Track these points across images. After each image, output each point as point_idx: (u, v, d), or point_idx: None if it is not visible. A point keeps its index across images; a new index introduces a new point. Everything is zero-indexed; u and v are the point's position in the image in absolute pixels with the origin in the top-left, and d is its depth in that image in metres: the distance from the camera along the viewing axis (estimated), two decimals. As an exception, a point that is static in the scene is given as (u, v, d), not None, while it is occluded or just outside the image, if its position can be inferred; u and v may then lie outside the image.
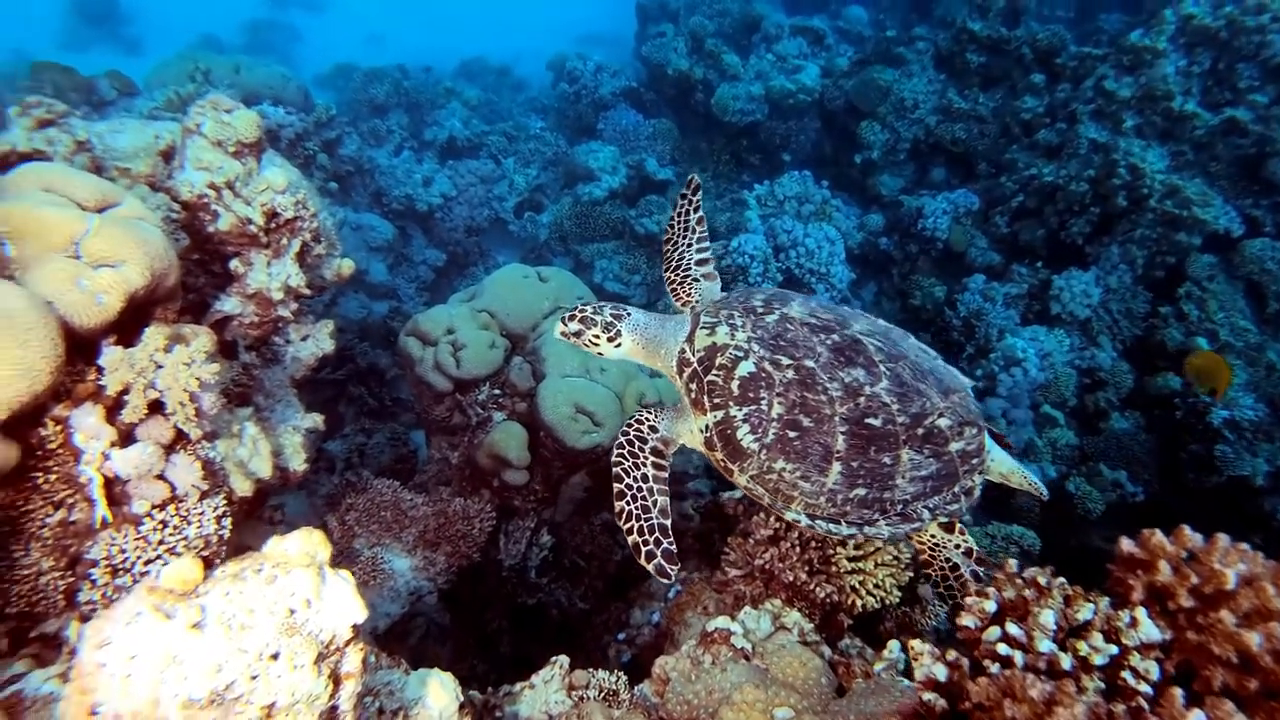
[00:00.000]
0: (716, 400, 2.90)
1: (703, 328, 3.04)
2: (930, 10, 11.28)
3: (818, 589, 3.29)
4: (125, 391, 2.04)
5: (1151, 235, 7.89)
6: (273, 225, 3.20)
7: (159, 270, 2.30)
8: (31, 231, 2.12)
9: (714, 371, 2.93)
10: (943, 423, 2.89)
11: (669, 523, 2.90)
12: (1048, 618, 1.47)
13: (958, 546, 3.12)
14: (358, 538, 4.43)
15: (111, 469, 2.03)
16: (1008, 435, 3.70)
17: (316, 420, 3.41)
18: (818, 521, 2.90)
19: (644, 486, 2.97)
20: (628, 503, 2.93)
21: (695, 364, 2.99)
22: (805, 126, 10.46)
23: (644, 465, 3.01)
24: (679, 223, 3.66)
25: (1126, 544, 1.72)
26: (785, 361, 2.86)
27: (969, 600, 1.66)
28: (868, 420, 2.81)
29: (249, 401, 3.22)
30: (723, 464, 2.94)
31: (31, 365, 1.88)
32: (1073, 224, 8.22)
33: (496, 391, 5.37)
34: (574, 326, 3.20)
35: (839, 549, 3.40)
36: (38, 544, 2.02)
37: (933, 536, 3.12)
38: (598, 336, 3.19)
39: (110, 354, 2.08)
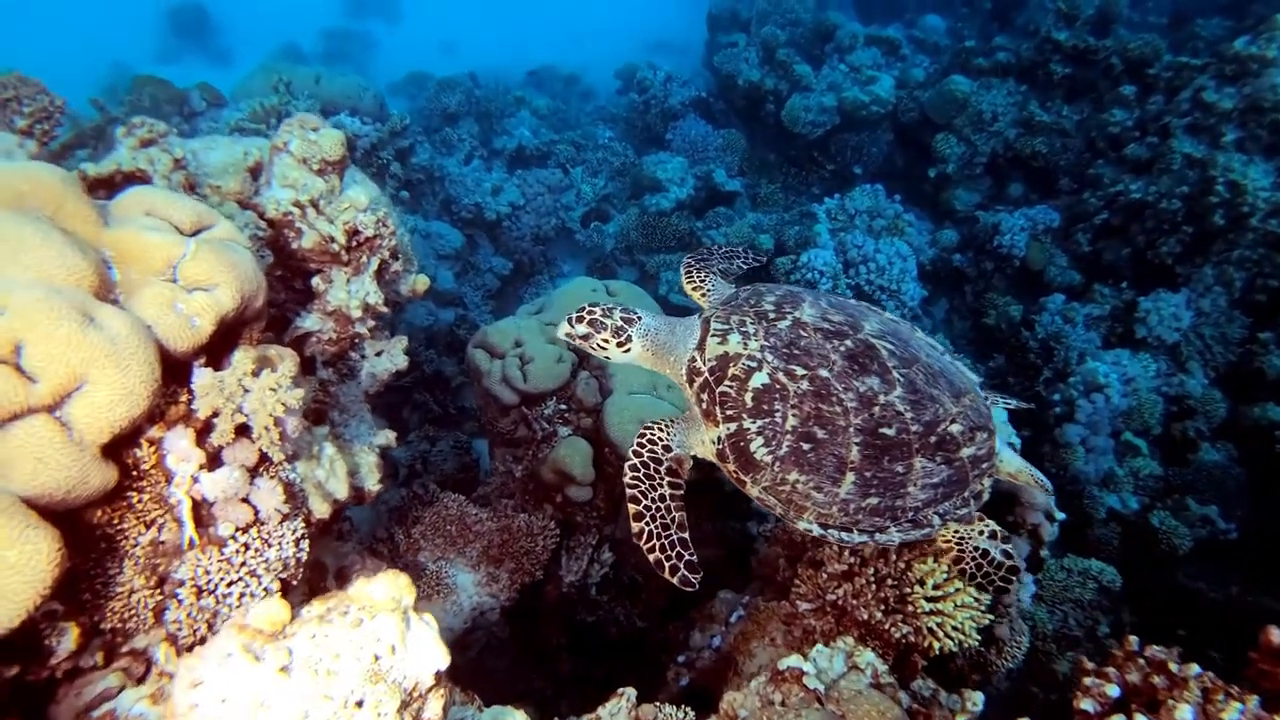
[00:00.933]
0: (729, 412, 2.84)
1: (713, 335, 2.97)
2: (1011, 19, 10.95)
3: (893, 629, 3.17)
4: (215, 415, 2.06)
5: (1252, 256, 7.47)
6: (354, 243, 3.24)
7: (248, 293, 2.33)
8: (134, 256, 2.16)
9: (726, 382, 2.86)
10: (955, 429, 2.87)
11: (687, 534, 2.85)
12: (1185, 714, 1.35)
13: (981, 533, 3.09)
14: (423, 551, 4.46)
15: (200, 492, 2.06)
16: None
17: (390, 437, 3.43)
18: (829, 530, 2.86)
19: (661, 506, 2.89)
20: (646, 523, 2.86)
21: (706, 374, 2.92)
22: (878, 138, 10.25)
23: (660, 486, 2.93)
24: (723, 255, 3.67)
25: (1276, 634, 1.57)
26: (800, 372, 2.81)
27: (1087, 681, 1.55)
28: (882, 430, 2.78)
29: (325, 417, 3.25)
30: (735, 475, 2.90)
31: (132, 390, 1.91)
32: (1162, 243, 7.85)
33: (563, 406, 5.36)
34: (582, 329, 3.12)
35: (916, 587, 3.28)
36: (130, 562, 2.05)
37: (956, 530, 3.08)
38: (606, 341, 3.12)
39: (201, 378, 2.11)
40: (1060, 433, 7.06)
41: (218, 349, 2.32)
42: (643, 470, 2.94)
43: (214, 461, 2.15)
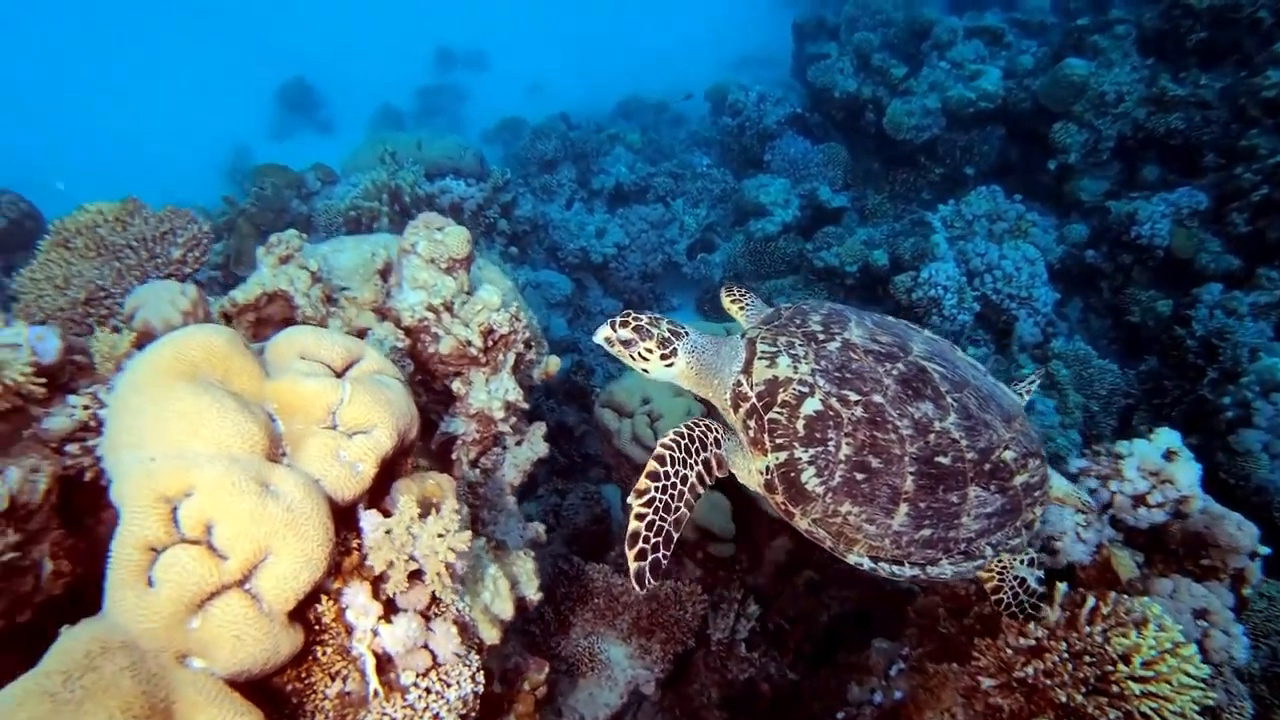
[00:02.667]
0: (780, 441, 2.64)
1: (761, 358, 2.76)
2: (1127, -18, 10.23)
3: (1099, 714, 2.89)
4: (389, 567, 2.06)
5: None
6: (490, 343, 3.25)
7: (404, 428, 2.34)
8: (297, 407, 2.20)
9: (776, 409, 2.67)
10: (1008, 455, 2.74)
11: (677, 536, 2.57)
12: None
13: (1023, 560, 2.94)
14: (574, 627, 4.45)
15: (381, 645, 2.07)
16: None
17: (539, 530, 3.43)
18: (880, 564, 2.69)
19: (680, 488, 2.64)
20: (656, 492, 2.57)
21: (754, 399, 2.72)
22: (988, 135, 9.72)
23: (694, 466, 2.68)
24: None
25: None
26: (853, 397, 2.63)
27: None
28: (937, 459, 2.62)
29: (478, 519, 3.27)
30: (783, 507, 2.71)
31: (312, 555, 1.93)
32: (1338, 215, 7.07)
33: (696, 461, 5.27)
34: (625, 334, 2.86)
35: (1120, 665, 2.99)
36: (321, 716, 2.08)
37: (1000, 561, 2.90)
38: (650, 351, 2.86)
39: (372, 529, 2.13)
40: (1236, 440, 6.41)
41: (379, 482, 2.34)
42: (685, 442, 2.70)
43: (389, 606, 2.16)
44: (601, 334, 2.91)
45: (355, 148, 8.84)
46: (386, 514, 2.29)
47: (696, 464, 2.69)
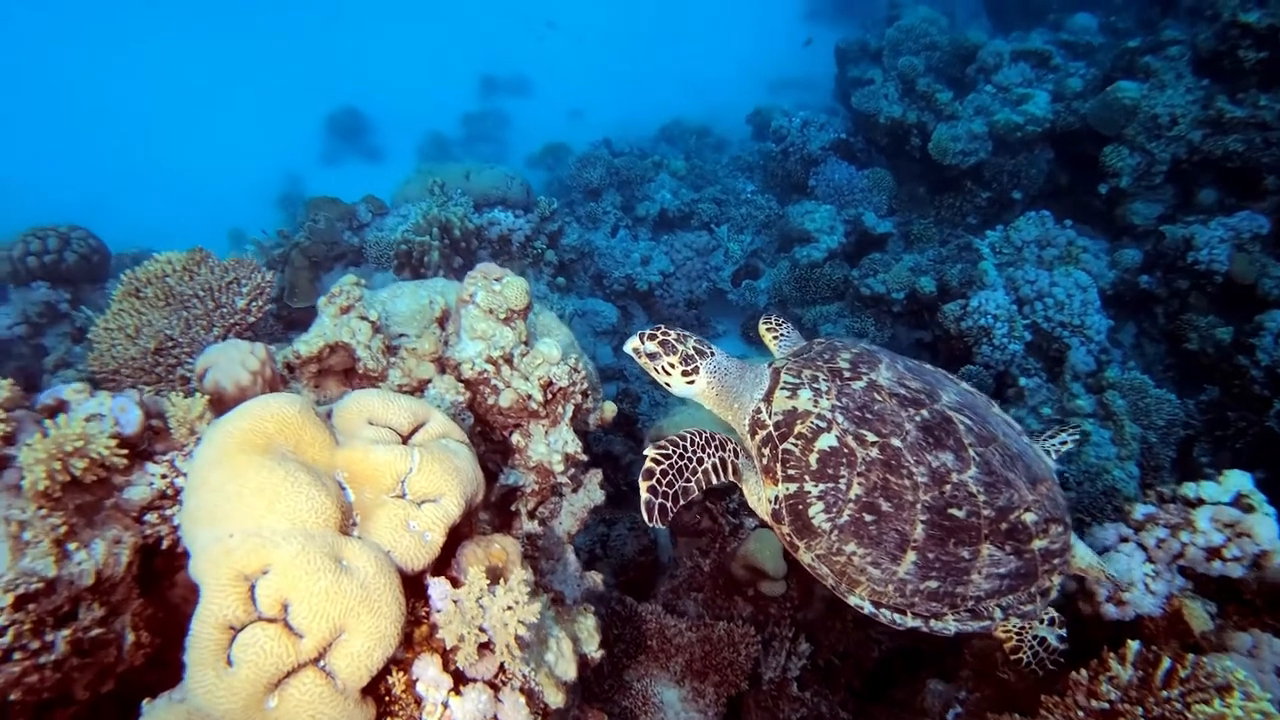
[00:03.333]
0: (791, 472, 2.67)
1: (783, 388, 2.80)
2: (1176, 2, 9.99)
3: (1176, 787, 2.79)
4: (460, 640, 2.08)
5: None
6: (549, 396, 3.28)
7: (471, 494, 2.37)
8: (367, 476, 2.24)
9: (791, 440, 2.69)
10: (1029, 518, 2.69)
11: (684, 503, 2.64)
12: None
13: (1042, 620, 2.87)
14: (626, 669, 4.44)
15: (450, 717, 2.08)
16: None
17: (596, 580, 3.43)
18: (881, 610, 2.67)
19: (695, 465, 2.70)
20: (674, 454, 2.67)
21: (771, 428, 2.74)
22: (1036, 159, 9.56)
23: (710, 457, 2.74)
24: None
25: None
26: (870, 438, 2.63)
27: None
28: (951, 511, 2.59)
29: (537, 569, 3.29)
30: (788, 539, 2.73)
31: (385, 632, 1.96)
32: None
33: (746, 499, 5.25)
34: (651, 347, 2.95)
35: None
36: (392, 788, 2.10)
37: (1016, 622, 2.83)
38: (672, 365, 2.93)
39: (440, 597, 2.15)
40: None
41: (445, 546, 2.37)
42: (707, 437, 2.79)
43: (458, 676, 2.18)
44: (631, 344, 3.01)
45: (405, 178, 8.99)
46: (454, 580, 2.32)
47: (713, 456, 2.77)
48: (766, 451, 2.75)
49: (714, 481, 2.77)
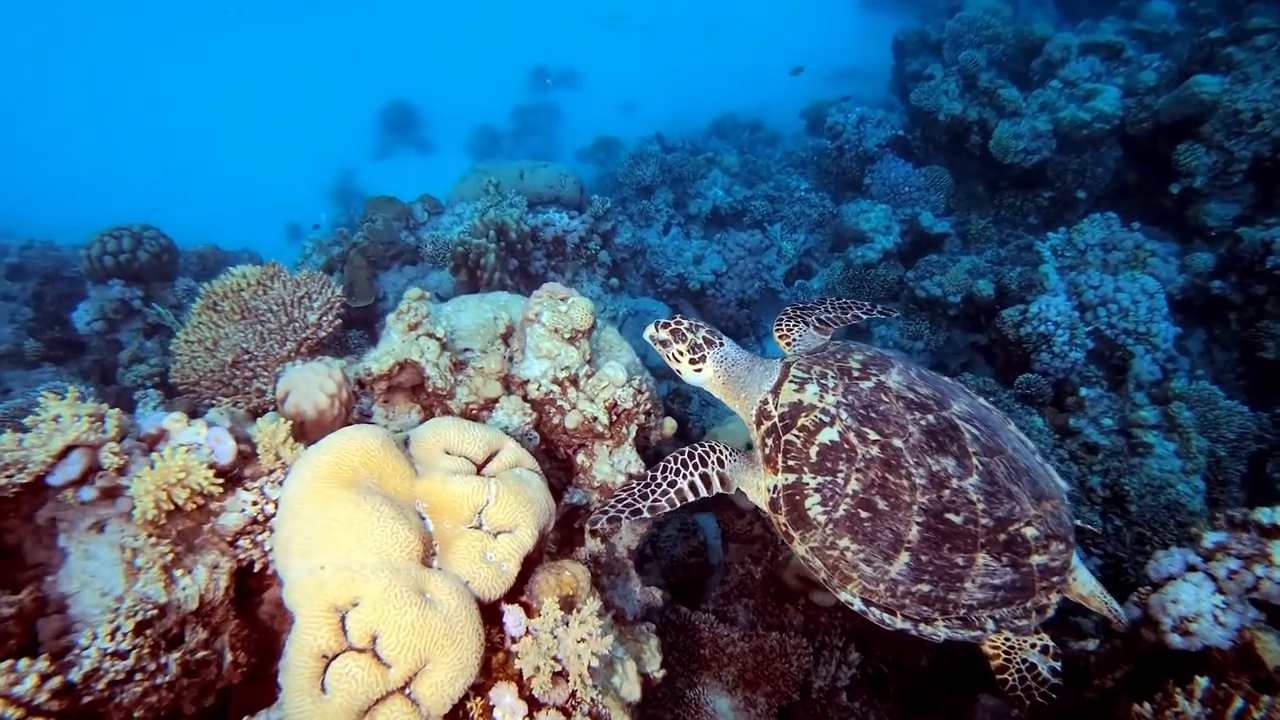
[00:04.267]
0: (791, 463, 2.74)
1: (791, 381, 2.88)
2: (1267, -19, 9.56)
3: (1244, 831, 2.76)
4: (536, 670, 2.16)
5: None
6: (614, 418, 3.33)
7: (544, 524, 2.44)
8: (445, 507, 2.33)
9: (794, 431, 2.76)
10: (1029, 532, 2.69)
11: (648, 523, 2.95)
12: None
13: (1034, 646, 2.84)
14: (679, 678, 4.50)
15: (525, 745, 2.16)
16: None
17: (655, 595, 3.49)
18: (871, 609, 2.71)
19: (665, 490, 2.89)
20: (641, 486, 2.88)
21: (776, 419, 2.83)
22: (1103, 157, 9.27)
23: (684, 478, 2.91)
24: (837, 305, 3.68)
25: None
26: (872, 436, 2.68)
27: None
28: (948, 515, 2.61)
29: (599, 585, 3.36)
30: (784, 529, 2.80)
31: (466, 662, 2.04)
32: None
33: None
34: (664, 335, 3.14)
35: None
36: (469, 811, 2.19)
37: (1007, 639, 2.80)
38: (681, 354, 3.11)
39: (514, 625, 2.23)
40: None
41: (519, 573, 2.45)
42: (682, 458, 2.97)
43: (532, 703, 2.25)
44: (648, 332, 3.22)
45: (460, 177, 9.11)
46: (527, 606, 2.39)
47: (691, 475, 2.93)
48: (769, 441, 2.84)
49: (693, 498, 2.95)
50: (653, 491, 2.89)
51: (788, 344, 3.43)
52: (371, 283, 8.00)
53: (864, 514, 2.64)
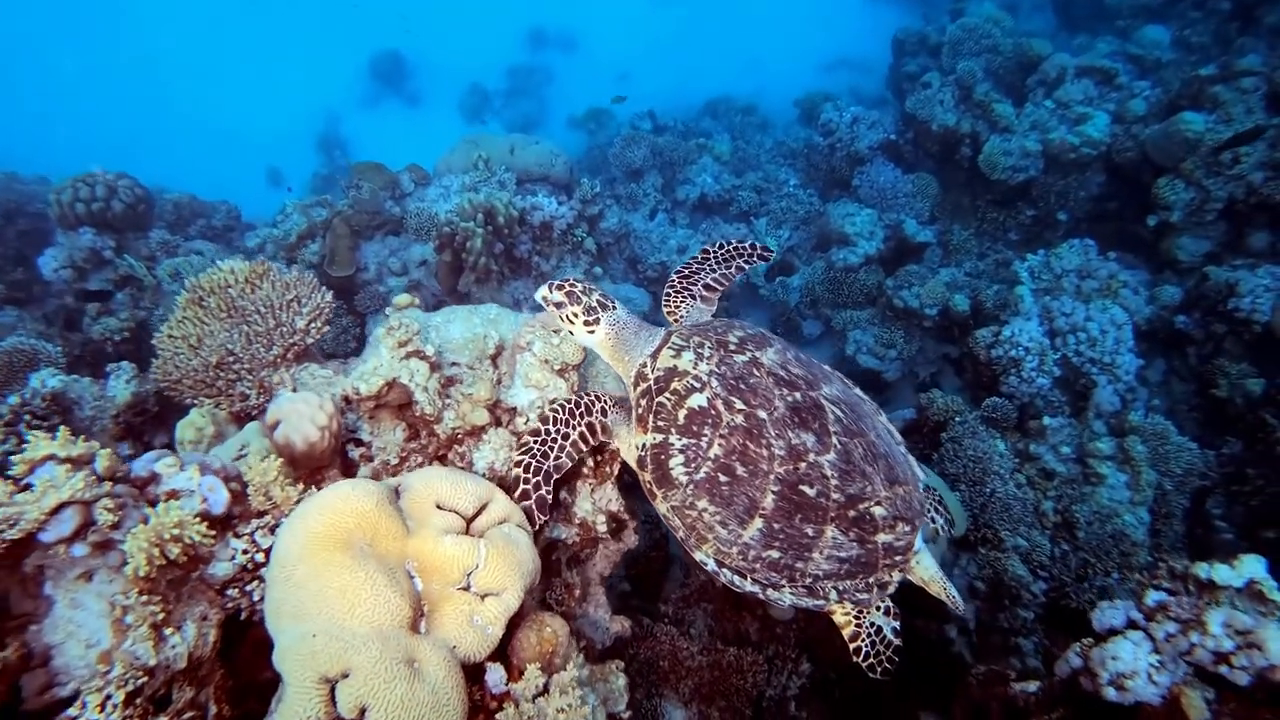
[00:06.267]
0: (660, 424, 2.90)
1: (669, 348, 3.06)
2: (1259, 17, 9.68)
3: None
4: (517, 733, 2.24)
5: None
6: (599, 460, 3.39)
7: (530, 585, 2.51)
8: (435, 568, 2.38)
9: (666, 394, 2.93)
10: (877, 511, 2.85)
11: (556, 477, 2.97)
12: None
13: (878, 608, 3.01)
14: (638, 687, 4.65)
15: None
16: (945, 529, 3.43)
17: (625, 625, 3.60)
18: (723, 570, 2.86)
19: (560, 443, 3.01)
20: (537, 444, 2.99)
21: (651, 381, 3.00)
22: (1087, 181, 9.42)
23: (574, 428, 3.04)
24: (721, 257, 3.72)
25: None
26: (738, 405, 2.84)
27: None
28: (802, 487, 2.77)
29: (571, 616, 3.45)
30: (649, 487, 2.95)
31: (450, 735, 2.11)
32: None
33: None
34: (558, 296, 3.24)
35: None
36: None
37: (851, 607, 2.99)
38: (575, 315, 3.23)
39: (499, 691, 2.31)
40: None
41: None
42: (569, 406, 3.09)
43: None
44: (540, 292, 3.29)
45: (449, 147, 8.96)
46: (508, 663, 2.46)
47: (579, 425, 3.06)
48: (643, 402, 3.00)
49: (585, 447, 3.07)
50: (553, 448, 3.01)
51: (675, 320, 3.56)
52: (353, 252, 7.90)
53: (723, 478, 2.79)
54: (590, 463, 3.35)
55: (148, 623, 2.07)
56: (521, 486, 2.91)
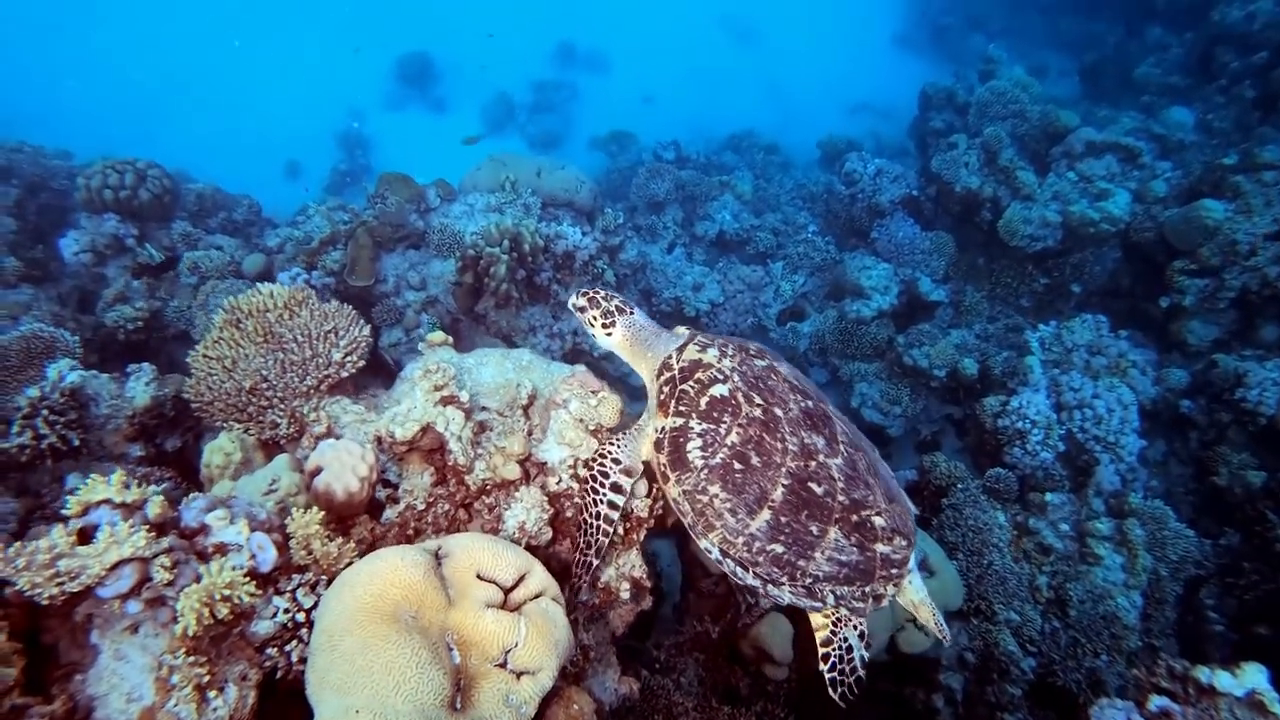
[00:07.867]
0: (682, 408, 3.03)
1: (695, 344, 3.25)
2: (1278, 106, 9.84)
3: None
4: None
5: None
6: (627, 526, 3.41)
7: (565, 662, 2.53)
8: (475, 643, 2.39)
9: (690, 383, 3.08)
10: (878, 521, 2.94)
11: (597, 564, 3.17)
12: None
13: (856, 627, 3.05)
14: (633, 741, 4.65)
15: None
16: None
17: (633, 687, 3.60)
18: (727, 560, 2.93)
19: (598, 525, 3.15)
20: (587, 537, 3.17)
21: (676, 370, 3.16)
22: (1103, 256, 9.52)
23: (601, 503, 3.16)
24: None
25: None
26: (757, 400, 2.98)
27: None
28: (811, 485, 2.87)
29: (583, 675, 3.46)
30: (662, 469, 3.05)
31: (485, 820, 2.12)
32: None
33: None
34: (581, 302, 3.53)
35: None
36: None
37: (837, 614, 3.03)
38: (595, 319, 3.49)
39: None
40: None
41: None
42: (592, 483, 3.20)
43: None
44: (570, 301, 3.59)
45: (476, 166, 8.98)
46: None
47: (605, 495, 3.18)
48: (666, 389, 3.15)
49: (616, 515, 3.18)
50: (593, 538, 3.16)
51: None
52: (374, 263, 7.90)
53: (738, 465, 2.89)
54: (621, 530, 3.37)
55: (193, 684, 2.07)
56: (579, 586, 3.14)
